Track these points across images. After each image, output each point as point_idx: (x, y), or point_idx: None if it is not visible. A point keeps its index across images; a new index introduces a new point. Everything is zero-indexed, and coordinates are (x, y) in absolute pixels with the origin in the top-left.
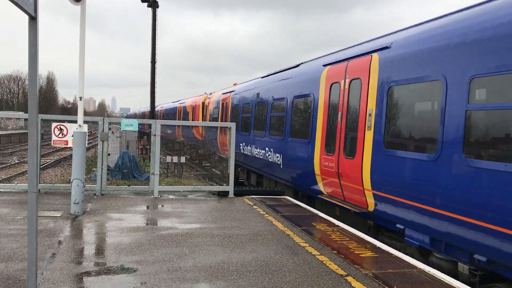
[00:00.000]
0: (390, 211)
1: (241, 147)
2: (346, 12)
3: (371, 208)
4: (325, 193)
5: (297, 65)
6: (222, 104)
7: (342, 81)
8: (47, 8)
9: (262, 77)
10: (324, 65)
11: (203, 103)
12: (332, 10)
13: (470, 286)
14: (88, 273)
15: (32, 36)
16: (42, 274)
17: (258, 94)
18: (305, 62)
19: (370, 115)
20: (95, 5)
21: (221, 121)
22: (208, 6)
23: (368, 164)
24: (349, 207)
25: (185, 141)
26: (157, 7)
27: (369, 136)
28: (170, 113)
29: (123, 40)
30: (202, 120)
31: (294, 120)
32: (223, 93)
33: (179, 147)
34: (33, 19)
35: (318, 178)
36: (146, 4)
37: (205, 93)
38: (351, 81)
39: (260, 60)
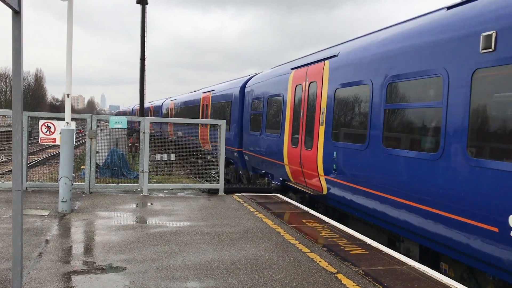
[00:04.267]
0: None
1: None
2: (335, 9)
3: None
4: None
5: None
6: None
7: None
8: (32, 5)
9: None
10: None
11: None
12: (321, 6)
13: (460, 283)
14: (76, 272)
15: (16, 31)
16: (29, 273)
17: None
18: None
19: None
20: (82, 1)
21: None
22: (196, 2)
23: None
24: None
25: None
26: (146, 3)
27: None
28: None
29: (113, 37)
30: None
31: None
32: None
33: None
34: (17, 13)
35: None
36: (135, 0)
37: None
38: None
39: (250, 58)
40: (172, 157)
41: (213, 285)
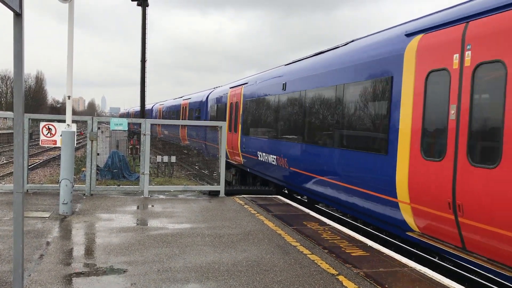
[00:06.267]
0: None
1: None
2: (334, 10)
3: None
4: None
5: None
6: None
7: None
8: (33, 7)
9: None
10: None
11: None
12: (320, 8)
13: (459, 284)
14: (77, 274)
15: (18, 33)
16: (30, 275)
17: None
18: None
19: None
20: (82, 3)
21: None
22: (195, 4)
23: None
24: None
25: None
26: (147, 5)
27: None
28: None
29: (113, 38)
30: None
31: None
32: None
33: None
34: (18, 16)
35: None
36: (135, 2)
37: None
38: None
39: (250, 59)
40: (173, 159)
41: (214, 287)
